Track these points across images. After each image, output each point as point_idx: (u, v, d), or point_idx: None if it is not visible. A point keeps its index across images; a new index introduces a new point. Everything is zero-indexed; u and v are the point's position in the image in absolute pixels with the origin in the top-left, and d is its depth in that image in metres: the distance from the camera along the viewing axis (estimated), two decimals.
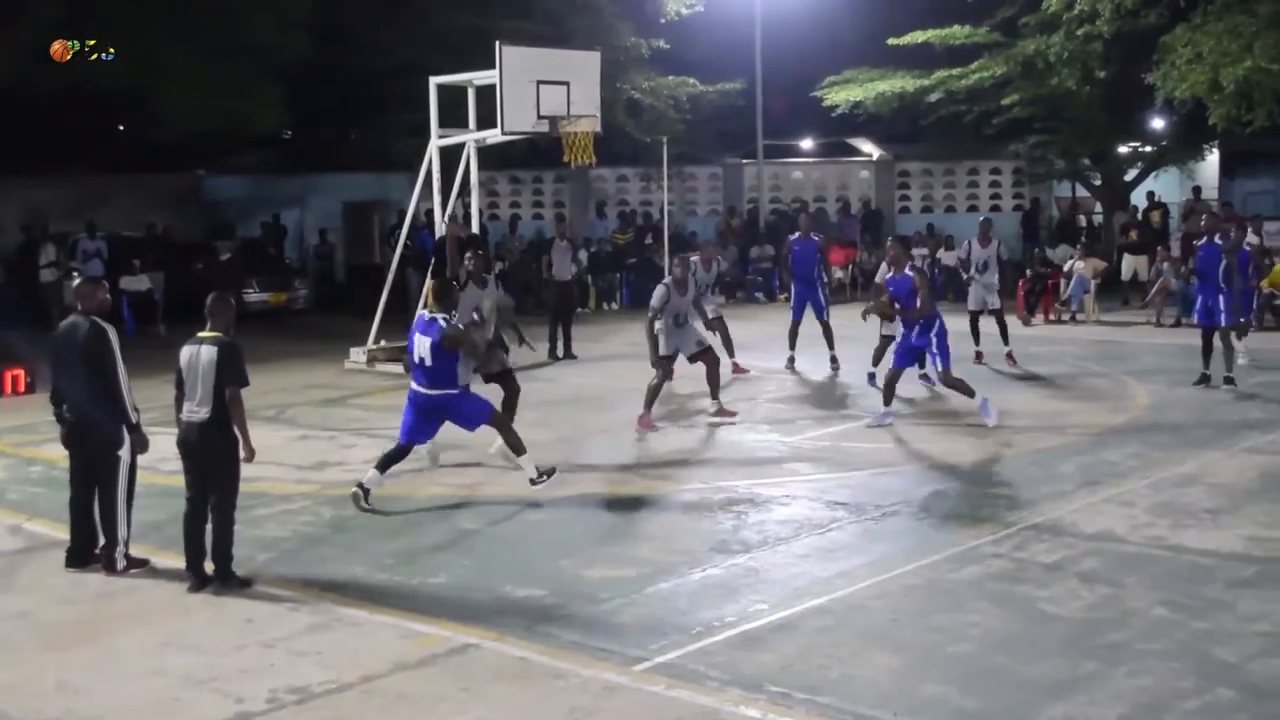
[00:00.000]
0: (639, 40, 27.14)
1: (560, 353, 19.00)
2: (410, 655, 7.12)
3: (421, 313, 10.89)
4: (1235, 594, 7.86)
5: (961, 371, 13.91)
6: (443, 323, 10.34)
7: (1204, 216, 17.00)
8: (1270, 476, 10.88)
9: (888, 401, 13.32)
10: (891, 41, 27.15)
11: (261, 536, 9.48)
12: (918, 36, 26.92)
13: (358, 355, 18.44)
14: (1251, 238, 17.21)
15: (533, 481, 10.65)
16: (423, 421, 10.64)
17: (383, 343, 18.56)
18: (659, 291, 13.73)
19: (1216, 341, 15.01)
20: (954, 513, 9.96)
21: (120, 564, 8.71)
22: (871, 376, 14.97)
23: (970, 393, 13.18)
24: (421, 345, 10.34)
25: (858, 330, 15.79)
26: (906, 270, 13.27)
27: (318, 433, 13.70)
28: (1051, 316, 22.44)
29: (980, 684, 6.60)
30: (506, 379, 12.24)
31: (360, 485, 10.34)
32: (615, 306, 26.44)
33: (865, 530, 9.53)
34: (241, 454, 8.53)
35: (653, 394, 13.52)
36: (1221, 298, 14.83)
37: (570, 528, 9.87)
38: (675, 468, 11.73)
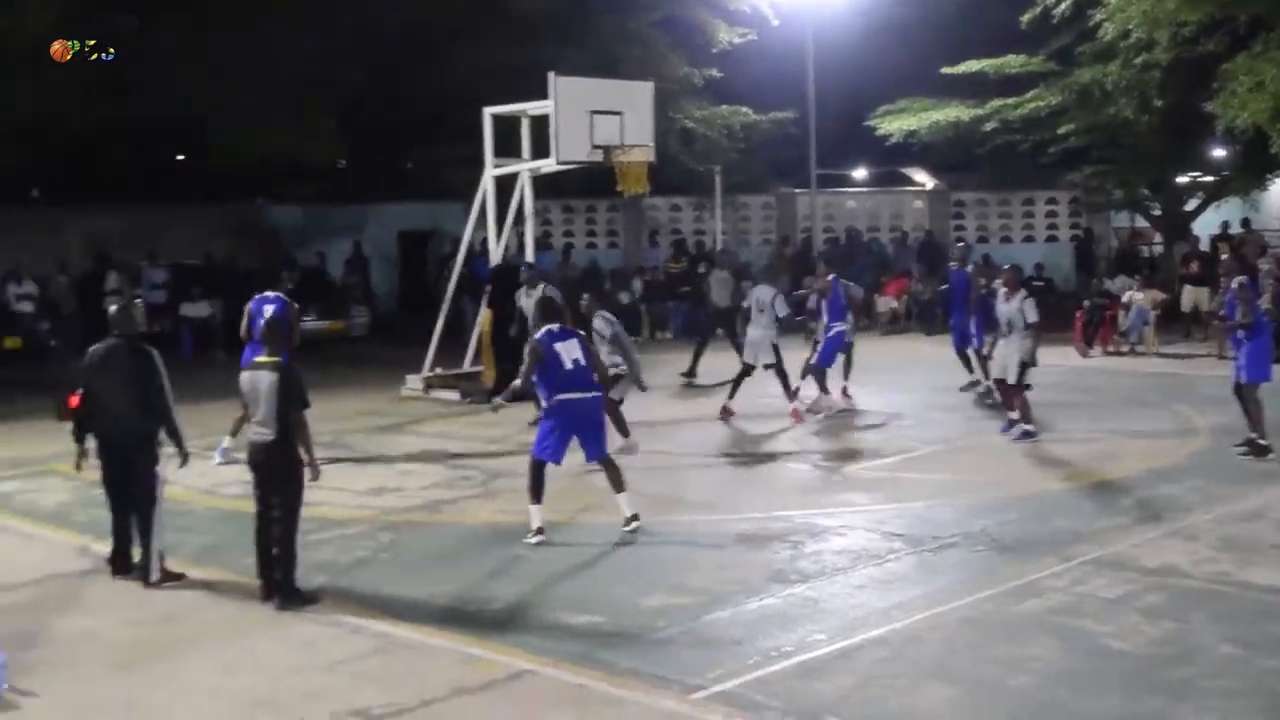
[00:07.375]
0: (691, 70, 27.23)
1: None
2: (470, 680, 7.15)
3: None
4: None
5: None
6: None
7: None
8: None
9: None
10: (945, 71, 27.03)
11: (319, 560, 9.55)
12: (972, 66, 26.79)
13: (414, 382, 18.56)
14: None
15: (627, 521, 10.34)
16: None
17: (438, 370, 18.69)
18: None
19: None
20: (1011, 545, 9.84)
21: (155, 575, 8.97)
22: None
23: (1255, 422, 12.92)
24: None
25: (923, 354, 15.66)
26: (1234, 285, 13.64)
27: (374, 459, 13.82)
28: (1110, 348, 22.23)
29: (1039, 718, 6.54)
30: None
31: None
32: (669, 335, 26.40)
33: (922, 561, 9.48)
34: (307, 474, 8.68)
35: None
36: None
37: (625, 556, 9.86)
38: (731, 498, 11.71)
